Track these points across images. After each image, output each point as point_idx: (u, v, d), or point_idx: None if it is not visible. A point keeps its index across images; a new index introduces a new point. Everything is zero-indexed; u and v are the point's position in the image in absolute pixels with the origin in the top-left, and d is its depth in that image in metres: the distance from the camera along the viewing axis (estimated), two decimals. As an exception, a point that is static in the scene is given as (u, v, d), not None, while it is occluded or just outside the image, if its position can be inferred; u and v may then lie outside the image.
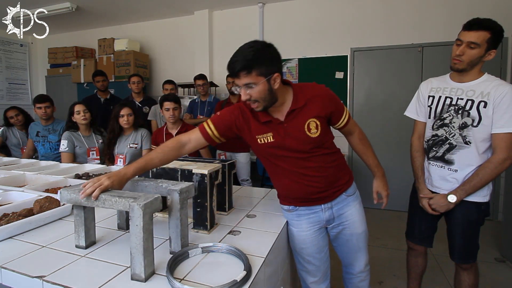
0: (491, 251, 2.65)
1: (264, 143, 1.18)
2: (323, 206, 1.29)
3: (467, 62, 1.37)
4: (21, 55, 5.49)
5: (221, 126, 1.19)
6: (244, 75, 1.02)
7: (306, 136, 1.15)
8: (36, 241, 1.04)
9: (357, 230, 1.34)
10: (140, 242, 0.79)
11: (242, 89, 1.06)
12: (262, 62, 1.03)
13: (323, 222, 1.32)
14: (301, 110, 1.15)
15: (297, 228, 1.31)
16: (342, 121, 1.25)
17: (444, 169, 1.49)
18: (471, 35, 1.33)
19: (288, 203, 1.32)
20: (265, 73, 1.04)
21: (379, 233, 2.99)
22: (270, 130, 1.16)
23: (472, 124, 1.39)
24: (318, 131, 1.16)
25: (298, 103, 1.14)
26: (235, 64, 1.02)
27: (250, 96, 1.06)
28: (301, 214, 1.30)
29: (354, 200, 1.34)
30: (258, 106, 1.09)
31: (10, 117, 3.00)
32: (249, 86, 1.04)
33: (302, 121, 1.15)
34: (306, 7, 3.99)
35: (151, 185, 0.99)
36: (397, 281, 2.19)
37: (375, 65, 3.74)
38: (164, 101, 2.34)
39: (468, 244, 1.49)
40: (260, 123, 1.17)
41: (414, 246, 1.70)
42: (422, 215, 1.61)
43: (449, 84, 1.49)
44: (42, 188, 1.57)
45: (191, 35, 4.55)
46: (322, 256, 1.36)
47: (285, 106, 1.16)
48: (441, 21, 3.47)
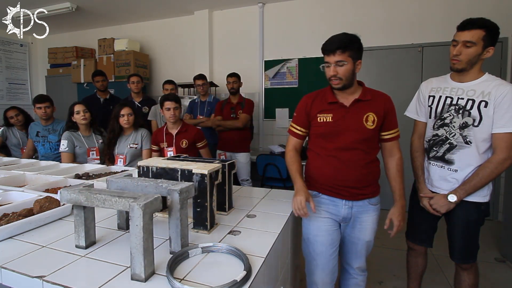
0: (491, 251, 2.65)
1: (322, 122, 1.35)
2: (344, 202, 1.38)
3: (465, 61, 1.37)
4: (21, 55, 5.49)
5: (303, 123, 1.42)
6: (339, 52, 1.23)
7: (363, 125, 1.31)
8: (36, 241, 1.04)
9: (366, 237, 1.44)
10: (140, 242, 0.79)
11: (332, 66, 1.27)
12: (354, 47, 1.26)
13: (339, 217, 1.40)
14: (365, 102, 1.33)
15: (314, 214, 1.38)
16: (391, 133, 1.38)
17: (444, 169, 1.49)
18: (465, 34, 1.36)
19: (313, 188, 1.43)
20: (354, 57, 1.26)
21: (379, 233, 2.97)
22: (332, 111, 1.34)
23: (473, 124, 1.39)
24: (374, 125, 1.31)
25: (366, 96, 1.33)
26: (334, 43, 1.24)
27: (337, 73, 1.26)
28: (321, 202, 1.41)
29: (375, 211, 1.42)
30: (339, 83, 1.28)
31: (10, 117, 3.00)
32: (339, 64, 1.25)
33: (363, 111, 1.32)
34: (306, 7, 3.99)
35: (151, 185, 0.99)
36: (397, 281, 2.19)
37: (375, 65, 3.74)
38: (165, 100, 2.33)
39: (468, 244, 1.49)
40: (326, 103, 1.36)
41: (414, 246, 1.70)
42: (422, 215, 1.61)
43: (450, 84, 1.49)
44: (42, 188, 1.56)
45: (191, 35, 4.55)
46: (332, 252, 1.42)
47: (353, 96, 1.35)
48: (441, 21, 3.47)
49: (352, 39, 1.25)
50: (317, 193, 1.42)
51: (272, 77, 4.22)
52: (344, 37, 1.25)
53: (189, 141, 2.39)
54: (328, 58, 1.27)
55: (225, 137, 3.23)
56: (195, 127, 2.53)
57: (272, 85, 4.23)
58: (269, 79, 4.24)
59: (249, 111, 3.19)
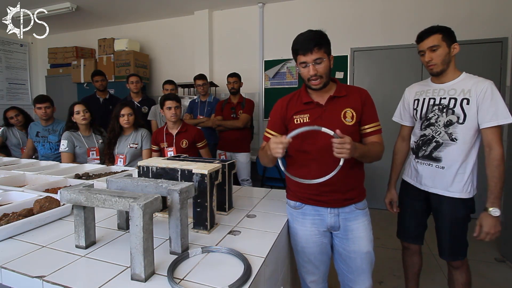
0: (491, 251, 2.65)
1: (299, 123, 1.28)
2: (329, 210, 1.29)
3: (440, 62, 1.46)
4: (21, 55, 5.49)
5: (279, 128, 1.34)
6: (316, 50, 1.19)
7: (341, 122, 1.25)
8: (36, 241, 1.04)
9: (362, 248, 1.30)
10: (140, 242, 0.79)
11: (310, 66, 1.21)
12: (327, 43, 1.23)
13: (326, 227, 1.32)
14: (340, 99, 1.28)
15: (300, 226, 1.32)
16: (372, 126, 1.29)
17: (432, 167, 1.53)
18: (427, 42, 1.46)
19: (296, 199, 1.34)
20: (328, 52, 1.23)
21: (379, 233, 2.99)
22: (308, 111, 1.29)
23: (458, 121, 1.44)
24: (353, 121, 1.26)
25: (341, 93, 1.28)
26: (310, 41, 1.19)
27: (317, 71, 1.21)
28: (306, 214, 1.31)
29: (364, 216, 1.32)
30: (321, 82, 1.23)
31: (10, 117, 3.00)
32: (318, 61, 1.20)
33: (340, 108, 1.27)
34: (306, 7, 3.99)
35: (151, 185, 0.99)
36: (397, 281, 2.19)
37: (375, 65, 3.74)
38: (166, 100, 2.33)
39: (457, 240, 1.52)
40: (301, 104, 1.31)
41: (408, 245, 1.74)
42: (411, 213, 1.66)
43: (431, 86, 1.57)
44: (42, 188, 1.57)
45: (191, 35, 4.55)
46: (323, 258, 1.35)
47: (327, 93, 1.30)
48: (441, 21, 3.43)
49: (322, 35, 1.22)
50: (300, 204, 1.33)
51: (272, 77, 4.22)
52: (315, 34, 1.21)
53: (189, 141, 2.39)
54: (304, 57, 1.21)
55: (225, 137, 3.23)
56: (195, 127, 2.53)
57: (272, 85, 4.23)
58: (269, 79, 4.24)
59: (249, 111, 3.19)
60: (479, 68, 3.15)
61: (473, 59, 3.31)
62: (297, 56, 1.24)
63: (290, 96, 1.37)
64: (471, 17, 3.36)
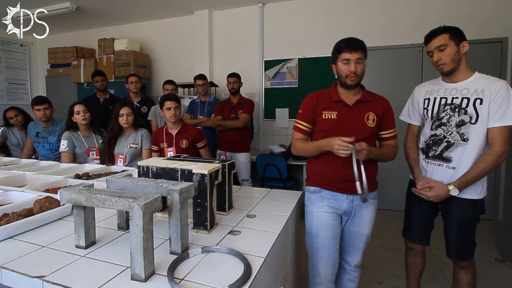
0: (491, 251, 2.65)
1: (327, 119, 1.44)
2: (345, 196, 1.45)
3: (449, 61, 1.44)
4: (21, 55, 5.49)
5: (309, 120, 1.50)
6: (361, 51, 1.37)
7: (364, 123, 1.42)
8: (36, 241, 1.04)
9: (364, 231, 1.51)
10: (140, 242, 0.79)
11: (352, 63, 1.37)
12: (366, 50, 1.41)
13: (341, 211, 1.48)
14: (366, 103, 1.45)
15: (317, 209, 1.49)
16: (389, 132, 1.49)
17: (442, 167, 1.51)
18: (434, 42, 1.46)
19: (316, 185, 1.51)
20: (366, 57, 1.42)
21: (379, 233, 2.99)
22: (336, 109, 1.44)
23: (470, 121, 1.42)
24: (374, 124, 1.43)
25: (367, 97, 1.45)
26: (356, 42, 1.38)
27: (357, 69, 1.37)
28: (324, 197, 1.49)
29: (373, 205, 1.52)
30: (356, 80, 1.39)
31: (9, 117, 3.00)
32: (359, 61, 1.37)
33: (364, 111, 1.44)
34: (306, 7, 3.99)
35: (151, 185, 0.99)
36: (397, 281, 2.19)
37: (375, 65, 3.74)
38: (165, 100, 2.33)
39: (465, 241, 1.51)
40: (331, 101, 1.46)
41: (413, 245, 1.71)
42: (418, 213, 1.64)
43: (442, 86, 1.54)
44: (42, 188, 1.56)
45: (191, 35, 4.55)
46: (334, 244, 1.49)
47: (355, 96, 1.46)
48: (441, 21, 3.42)
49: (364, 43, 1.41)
50: (319, 189, 1.49)
51: (272, 77, 4.22)
52: (360, 40, 1.40)
53: (189, 141, 2.39)
54: (349, 55, 1.36)
55: (225, 137, 3.23)
56: (195, 127, 2.53)
57: (272, 85, 4.23)
58: (269, 79, 4.24)
59: (249, 111, 3.19)
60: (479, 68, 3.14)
61: (473, 59, 3.28)
62: (341, 54, 1.39)
63: (320, 92, 1.52)
64: (471, 17, 3.36)
